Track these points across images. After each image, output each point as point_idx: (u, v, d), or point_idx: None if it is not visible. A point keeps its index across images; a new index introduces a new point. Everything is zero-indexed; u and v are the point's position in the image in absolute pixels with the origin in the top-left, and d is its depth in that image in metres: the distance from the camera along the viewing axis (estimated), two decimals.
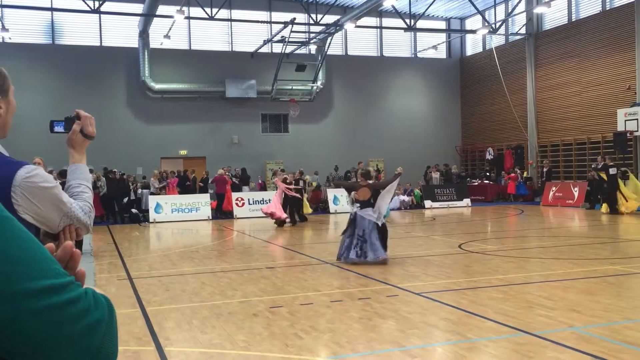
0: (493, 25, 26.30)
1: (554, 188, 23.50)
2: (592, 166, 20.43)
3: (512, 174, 26.30)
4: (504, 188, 26.73)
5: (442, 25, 30.75)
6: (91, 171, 22.08)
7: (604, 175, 19.32)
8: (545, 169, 24.65)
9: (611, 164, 18.98)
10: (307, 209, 20.16)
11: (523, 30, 27.05)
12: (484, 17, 26.00)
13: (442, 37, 30.63)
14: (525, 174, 26.86)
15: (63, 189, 2.06)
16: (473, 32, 27.03)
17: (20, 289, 0.91)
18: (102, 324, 0.98)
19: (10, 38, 23.66)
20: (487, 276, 8.83)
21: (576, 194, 22.42)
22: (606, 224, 17.04)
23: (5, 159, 1.78)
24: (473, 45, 31.20)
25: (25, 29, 24.57)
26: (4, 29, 22.92)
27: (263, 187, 24.98)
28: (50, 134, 2.24)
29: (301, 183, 19.93)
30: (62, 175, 14.09)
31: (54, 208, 1.88)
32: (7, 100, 1.83)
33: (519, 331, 5.84)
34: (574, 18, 25.16)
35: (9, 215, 0.96)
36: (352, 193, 10.97)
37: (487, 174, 28.00)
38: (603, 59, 23.42)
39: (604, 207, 19.21)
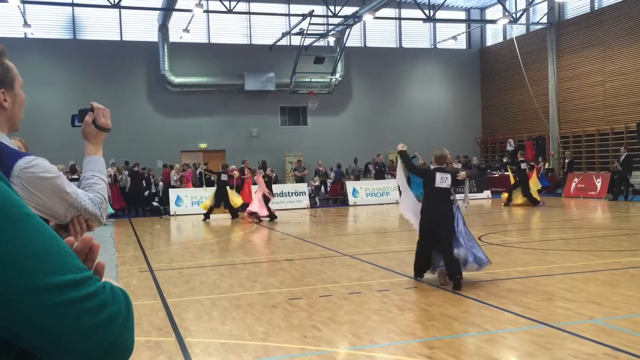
0: (514, 15, 25.96)
1: (576, 179, 23.21)
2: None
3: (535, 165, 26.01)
4: None
5: (461, 15, 30.45)
6: (113, 164, 22.07)
7: (511, 174, 21.00)
8: (567, 160, 24.35)
9: (522, 159, 20.40)
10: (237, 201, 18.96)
11: (544, 20, 26.67)
12: (504, 7, 25.68)
13: (462, 27, 30.34)
14: (546, 165, 26.56)
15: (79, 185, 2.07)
16: (493, 22, 26.72)
17: (40, 284, 0.93)
18: (119, 318, 1.01)
19: (32, 34, 23.97)
20: (507, 268, 8.78)
21: (599, 185, 22.13)
22: (630, 215, 16.81)
23: (7, 150, 1.78)
24: (493, 36, 30.85)
25: (47, 24, 24.86)
26: (26, 24, 23.22)
27: (275, 180, 24.88)
28: (72, 128, 2.28)
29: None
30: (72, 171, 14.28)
31: (57, 199, 1.87)
32: (12, 92, 1.82)
33: (538, 323, 5.81)
34: (596, 6, 24.73)
35: (30, 212, 0.99)
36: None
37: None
38: (627, 48, 23.02)
39: (520, 199, 20.19)
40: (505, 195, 20.73)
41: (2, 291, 0.92)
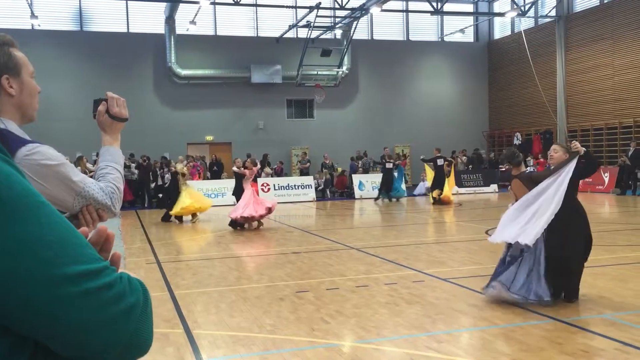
0: (522, 8, 25.78)
1: None
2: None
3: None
4: None
5: (469, 8, 30.26)
6: (132, 155, 21.50)
7: (428, 167, 20.93)
8: None
9: (439, 154, 20.14)
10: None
11: (553, 13, 26.48)
12: None
13: (470, 20, 30.16)
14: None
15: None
16: (501, 14, 26.55)
17: (57, 275, 0.91)
18: (136, 309, 0.98)
19: (39, 25, 23.97)
20: None
21: (606, 180, 22.02)
22: (638, 210, 16.72)
23: (14, 138, 1.74)
24: (501, 29, 30.65)
25: (54, 16, 24.86)
26: (34, 16, 23.22)
27: (280, 172, 24.82)
28: (78, 119, 2.26)
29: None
30: None
31: (63, 187, 1.82)
32: (19, 80, 1.80)
33: (548, 317, 5.78)
34: None
35: (44, 201, 0.96)
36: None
37: None
38: (637, 41, 22.82)
39: (436, 193, 19.73)
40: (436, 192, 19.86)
41: (18, 282, 0.89)
